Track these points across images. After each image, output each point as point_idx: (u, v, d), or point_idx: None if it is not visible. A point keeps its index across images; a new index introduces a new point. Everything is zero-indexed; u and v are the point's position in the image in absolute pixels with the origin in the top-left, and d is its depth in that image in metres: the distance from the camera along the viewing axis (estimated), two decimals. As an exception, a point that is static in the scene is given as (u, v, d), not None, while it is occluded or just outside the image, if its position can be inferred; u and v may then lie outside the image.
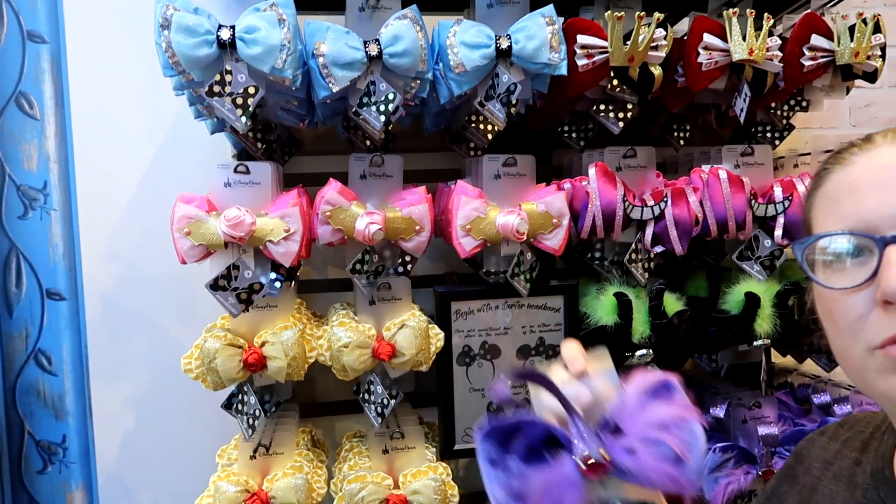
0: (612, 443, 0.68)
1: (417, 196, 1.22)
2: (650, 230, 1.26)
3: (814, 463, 0.81)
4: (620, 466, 0.66)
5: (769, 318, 1.31)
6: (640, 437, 0.68)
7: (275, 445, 1.19)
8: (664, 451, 0.67)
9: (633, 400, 0.70)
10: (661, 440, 0.67)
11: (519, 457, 0.68)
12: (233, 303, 1.11)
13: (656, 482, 0.67)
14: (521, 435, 0.68)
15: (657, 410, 0.69)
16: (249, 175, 1.14)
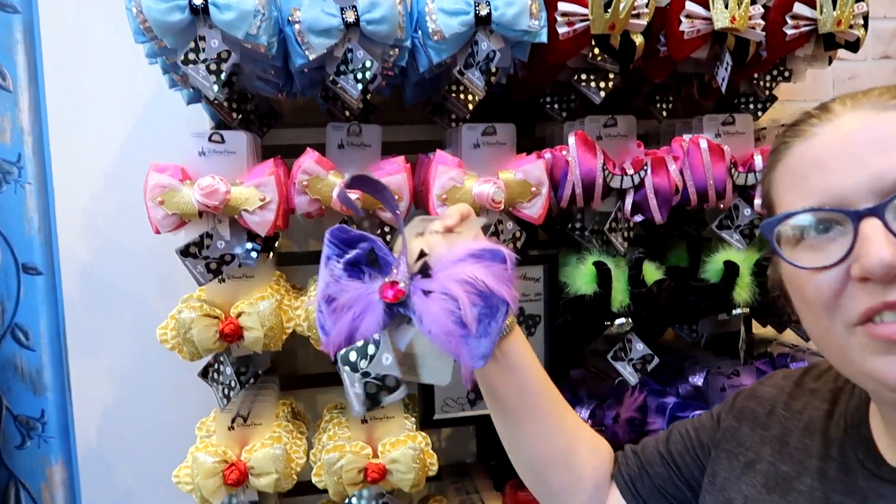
0: (418, 282, 0.69)
1: (396, 166, 1.21)
2: (630, 199, 1.26)
3: (779, 409, 0.76)
4: (409, 302, 0.68)
5: (748, 287, 1.31)
6: (442, 286, 0.68)
7: (253, 416, 1.19)
8: (452, 308, 0.67)
9: (456, 254, 0.70)
10: (455, 297, 0.67)
11: (345, 264, 0.71)
12: (201, 271, 1.10)
13: (434, 332, 0.67)
14: (357, 247, 0.71)
15: (472, 269, 0.68)
16: (224, 144, 1.13)
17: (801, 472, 0.69)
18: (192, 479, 1.13)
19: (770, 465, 0.72)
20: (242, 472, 1.13)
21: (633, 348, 1.33)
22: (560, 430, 0.86)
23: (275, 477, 1.14)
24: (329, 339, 0.71)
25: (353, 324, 0.69)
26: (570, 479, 0.86)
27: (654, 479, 0.84)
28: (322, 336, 0.72)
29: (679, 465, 0.83)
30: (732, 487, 0.74)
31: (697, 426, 0.85)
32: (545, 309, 1.31)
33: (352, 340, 0.69)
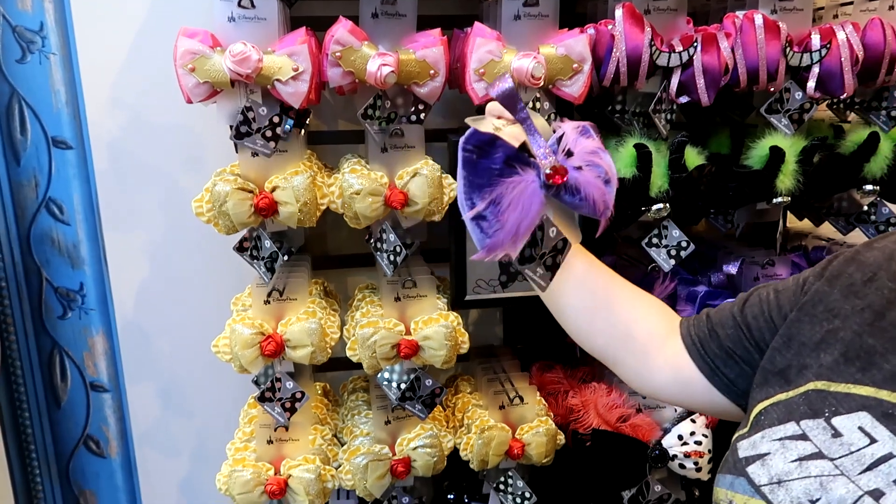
0: (564, 160, 0.78)
1: (432, 38, 1.15)
2: (676, 78, 1.20)
3: (882, 276, 0.67)
4: (572, 181, 0.76)
5: (792, 174, 1.27)
6: (583, 160, 0.78)
7: (288, 291, 1.20)
8: (599, 172, 0.79)
9: (571, 134, 0.81)
10: (597, 163, 0.79)
11: (499, 165, 0.75)
12: (262, 143, 1.09)
13: (595, 199, 0.78)
14: (497, 147, 0.75)
15: (589, 142, 0.80)
16: (255, 10, 1.08)
17: (890, 350, 0.62)
18: (231, 349, 1.16)
19: (856, 336, 0.65)
20: (279, 344, 1.16)
21: (669, 234, 1.31)
22: (614, 306, 0.88)
23: (310, 349, 1.16)
24: (495, 241, 0.73)
25: (520, 216, 0.73)
26: (637, 349, 0.86)
27: (723, 341, 0.81)
28: (483, 241, 0.74)
29: (751, 327, 0.79)
30: (809, 354, 0.68)
31: (780, 289, 0.79)
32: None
33: (517, 235, 0.73)
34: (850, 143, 1.35)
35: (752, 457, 0.61)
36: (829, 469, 0.55)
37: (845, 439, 0.56)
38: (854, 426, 0.57)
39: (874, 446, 0.54)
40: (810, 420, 0.60)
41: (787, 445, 0.59)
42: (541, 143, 0.77)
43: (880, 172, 1.35)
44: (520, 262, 0.76)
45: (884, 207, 1.43)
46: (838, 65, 1.21)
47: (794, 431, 0.60)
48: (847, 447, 0.56)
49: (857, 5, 1.35)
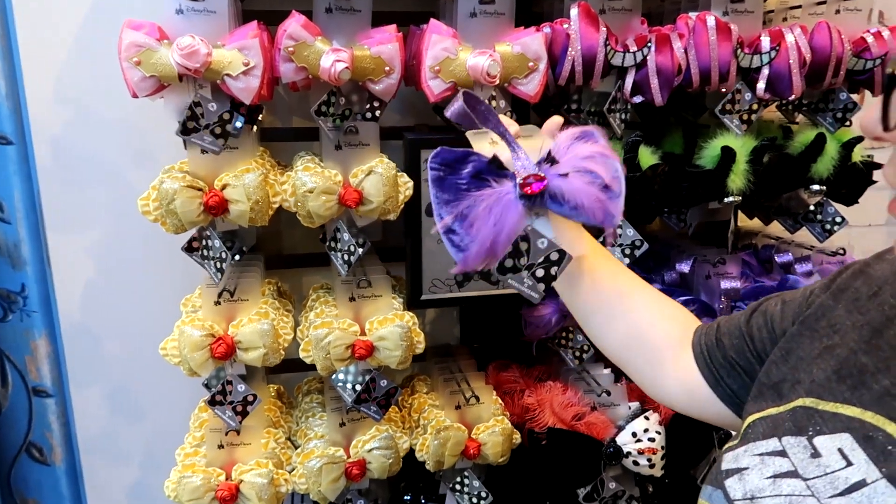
0: (547, 169, 0.74)
1: (387, 35, 1.14)
2: (630, 78, 1.21)
3: (885, 293, 0.65)
4: (554, 188, 0.72)
5: (743, 174, 1.29)
6: (572, 166, 0.73)
7: (239, 292, 1.18)
8: (594, 179, 0.73)
9: (563, 141, 0.76)
10: (592, 170, 0.73)
11: (466, 179, 0.73)
12: (210, 140, 1.05)
13: (587, 206, 0.72)
14: (468, 162, 0.73)
15: (585, 147, 0.75)
16: (204, 2, 1.05)
17: (882, 370, 0.59)
18: (180, 351, 1.13)
19: (851, 353, 0.63)
20: (230, 346, 1.13)
21: (624, 234, 1.32)
22: (629, 310, 0.87)
23: (262, 351, 1.14)
24: (469, 254, 0.72)
25: (496, 229, 0.71)
26: (650, 356, 0.84)
27: (728, 350, 0.79)
28: (458, 255, 0.73)
29: (754, 338, 0.76)
30: (804, 368, 0.65)
31: (787, 300, 0.77)
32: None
33: (494, 247, 0.72)
34: (798, 143, 1.38)
35: (732, 470, 0.60)
36: (800, 489, 0.54)
37: (823, 460, 0.55)
38: (834, 447, 0.55)
39: (849, 470, 0.53)
40: (793, 437, 0.59)
41: (765, 461, 0.58)
42: (521, 154, 0.75)
43: (826, 173, 1.38)
44: (500, 272, 0.75)
45: (830, 207, 1.47)
46: (787, 67, 1.24)
47: (774, 447, 0.59)
48: (823, 468, 0.55)
49: (806, 9, 1.38)
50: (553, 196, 0.73)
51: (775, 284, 1.41)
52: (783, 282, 1.41)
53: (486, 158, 0.74)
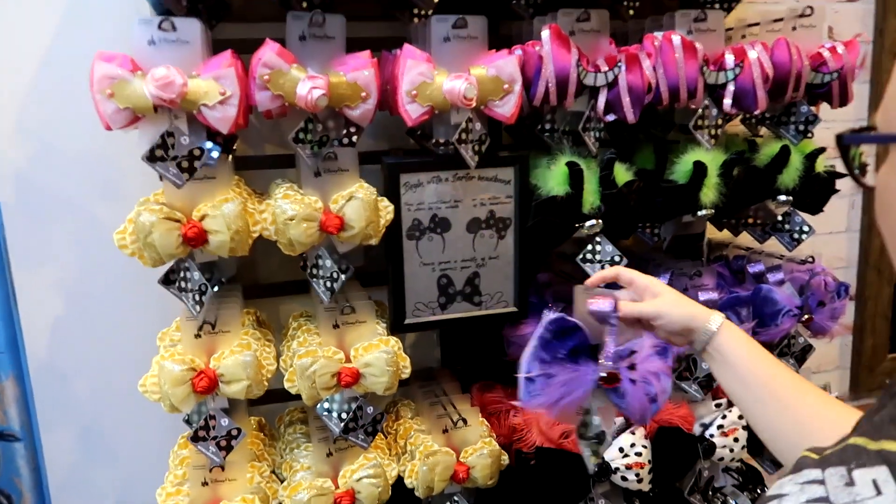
0: (625, 371, 0.97)
1: (362, 61, 1.14)
2: (603, 97, 1.23)
3: None
4: (622, 389, 0.96)
5: (715, 188, 1.32)
6: (641, 377, 0.98)
7: (220, 324, 1.15)
8: (649, 391, 0.98)
9: (645, 350, 1.00)
10: (652, 382, 0.98)
11: (565, 351, 0.96)
12: (175, 173, 1.03)
13: (635, 408, 0.97)
14: (574, 338, 0.97)
15: (657, 363, 0.99)
16: (176, 32, 1.04)
17: None
18: (160, 387, 1.10)
19: None
20: (212, 380, 1.10)
21: (603, 249, 1.33)
22: (793, 415, 0.85)
23: (246, 383, 1.11)
24: (535, 401, 0.96)
25: (563, 391, 0.94)
26: None
27: None
28: (527, 396, 0.97)
29: None
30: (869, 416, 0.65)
31: None
32: (516, 211, 1.30)
33: (555, 406, 0.95)
34: (764, 156, 1.43)
35: (773, 496, 0.61)
36: None
37: (856, 489, 0.56)
38: (869, 479, 0.55)
39: (877, 499, 0.54)
40: (834, 468, 0.59)
41: (804, 489, 0.58)
42: (611, 350, 0.96)
43: (792, 183, 1.43)
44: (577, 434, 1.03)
45: (797, 216, 1.51)
46: (751, 82, 1.28)
47: (815, 476, 0.59)
48: (853, 496, 0.55)
49: (763, 26, 1.43)
50: (617, 391, 0.96)
51: (749, 294, 1.44)
52: (756, 291, 1.44)
53: (587, 342, 0.97)
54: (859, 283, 2.10)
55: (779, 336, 1.47)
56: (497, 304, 1.34)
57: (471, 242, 1.29)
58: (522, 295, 1.34)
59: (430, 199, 1.25)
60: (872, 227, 2.03)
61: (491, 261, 1.31)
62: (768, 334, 1.45)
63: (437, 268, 1.28)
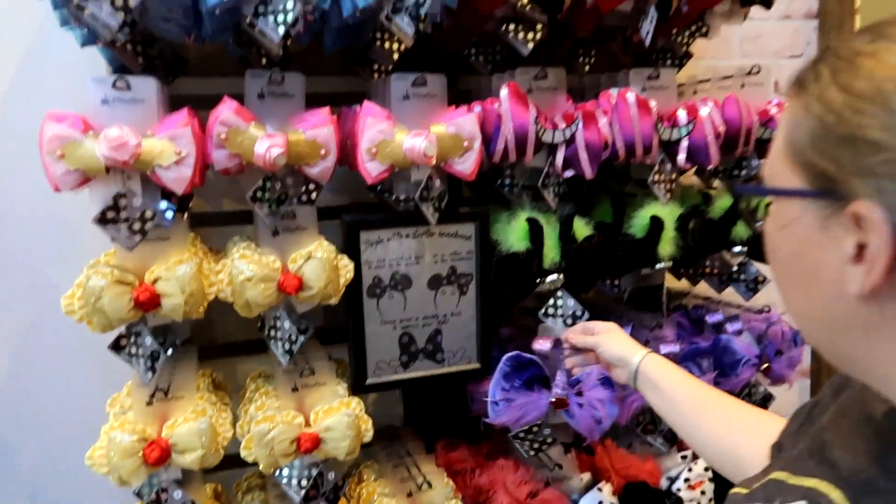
0: (573, 397, 1.23)
1: (321, 117, 1.13)
2: (561, 154, 1.24)
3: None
4: (571, 410, 1.22)
5: (672, 241, 1.34)
6: (588, 400, 1.22)
7: (174, 389, 1.11)
8: (595, 414, 1.22)
9: (593, 379, 1.23)
10: (598, 408, 1.22)
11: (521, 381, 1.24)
12: (126, 235, 1.00)
13: (583, 426, 1.23)
14: (528, 370, 1.25)
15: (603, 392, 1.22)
16: (131, 91, 1.02)
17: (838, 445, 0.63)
18: (108, 460, 1.04)
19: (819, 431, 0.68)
20: (165, 450, 1.05)
21: (564, 304, 1.33)
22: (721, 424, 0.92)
23: (200, 453, 1.06)
24: (499, 419, 1.22)
25: (521, 412, 1.22)
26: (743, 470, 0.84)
27: None
28: (493, 413, 1.23)
29: None
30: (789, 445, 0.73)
31: None
32: (477, 267, 1.29)
33: (515, 424, 1.23)
34: (719, 208, 1.45)
35: None
36: None
37: None
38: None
39: None
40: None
41: None
42: (560, 379, 1.22)
43: (746, 234, 1.46)
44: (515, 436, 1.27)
45: (751, 266, 1.54)
46: (704, 138, 1.31)
47: None
48: None
49: (714, 82, 1.48)
50: (567, 412, 1.22)
51: (709, 345, 1.45)
52: (716, 342, 1.46)
53: (540, 372, 1.24)
54: (813, 328, 2.14)
55: (739, 386, 1.49)
56: (460, 360, 1.32)
57: (432, 299, 1.27)
58: (485, 351, 1.33)
59: (390, 256, 1.23)
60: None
61: (453, 317, 1.30)
62: (729, 384, 1.46)
63: (399, 326, 1.26)
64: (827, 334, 0.57)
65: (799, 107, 0.55)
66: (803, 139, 0.54)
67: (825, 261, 0.53)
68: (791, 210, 0.56)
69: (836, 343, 0.57)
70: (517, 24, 1.26)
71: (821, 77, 0.53)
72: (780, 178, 0.57)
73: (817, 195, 0.54)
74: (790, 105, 0.57)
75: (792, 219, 0.56)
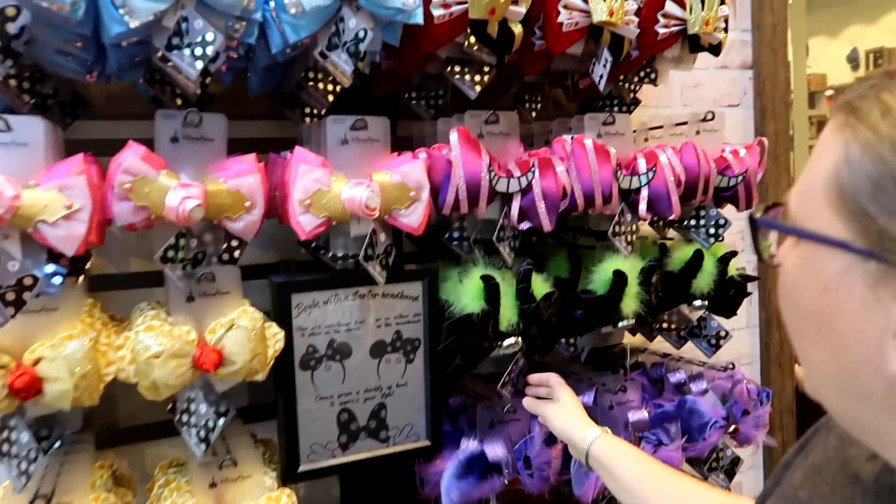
0: (523, 471, 1.22)
1: (246, 165, 0.98)
2: (517, 204, 1.13)
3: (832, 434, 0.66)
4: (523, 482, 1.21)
5: (636, 297, 1.24)
6: (537, 467, 1.21)
7: (60, 494, 0.91)
8: (543, 475, 1.22)
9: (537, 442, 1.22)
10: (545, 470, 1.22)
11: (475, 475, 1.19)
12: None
13: (534, 490, 1.21)
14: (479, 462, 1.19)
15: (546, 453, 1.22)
16: (11, 133, 0.85)
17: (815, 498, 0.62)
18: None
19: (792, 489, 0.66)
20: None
21: (522, 370, 1.20)
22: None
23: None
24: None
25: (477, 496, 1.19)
26: None
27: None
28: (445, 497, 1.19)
29: None
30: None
31: None
32: (425, 331, 1.15)
33: None
34: (678, 260, 1.37)
35: None
36: None
37: None
38: None
39: None
40: None
41: None
42: (508, 457, 1.20)
43: (707, 288, 1.38)
44: None
45: (713, 321, 1.46)
46: (665, 187, 1.23)
47: None
48: None
49: (667, 129, 1.41)
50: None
51: (674, 409, 1.35)
52: (681, 404, 1.36)
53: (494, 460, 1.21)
54: (763, 379, 2.09)
55: (707, 450, 1.39)
56: (407, 438, 1.16)
57: (375, 369, 1.12)
58: (435, 426, 1.18)
59: (327, 321, 1.08)
60: (772, 323, 2.04)
61: (399, 389, 1.14)
62: (696, 449, 1.36)
63: (337, 401, 1.10)
64: (847, 402, 0.51)
65: (854, 142, 0.46)
66: (860, 185, 0.45)
67: (864, 328, 0.46)
68: (829, 261, 0.48)
69: (854, 410, 0.51)
70: (463, 66, 1.16)
71: (889, 111, 0.43)
72: (817, 219, 0.48)
73: (872, 256, 0.45)
74: (840, 136, 0.47)
75: (829, 271, 0.48)
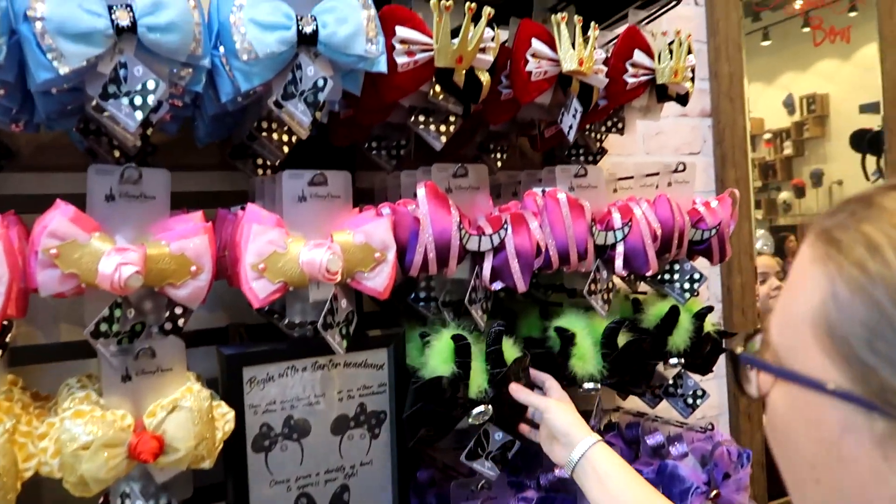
0: None
1: (192, 225, 0.89)
2: (489, 263, 1.06)
3: None
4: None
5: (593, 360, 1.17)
6: None
7: None
8: None
9: None
10: None
11: None
12: None
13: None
14: None
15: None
16: (-86, 194, 0.74)
17: None
18: None
19: None
20: None
21: (492, 439, 1.11)
22: None
23: None
24: None
25: None
26: None
27: None
28: None
29: None
30: None
31: None
32: (391, 403, 1.05)
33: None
34: (652, 316, 1.31)
35: None
36: None
37: None
38: None
39: None
40: None
41: None
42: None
43: (683, 345, 1.32)
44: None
45: (689, 379, 1.40)
46: (641, 242, 1.17)
47: None
48: None
49: (637, 179, 1.37)
50: None
51: (654, 475, 1.27)
52: (662, 469, 1.28)
53: None
54: (733, 432, 2.04)
55: (688, 517, 1.31)
56: (372, 521, 1.06)
57: (337, 448, 1.02)
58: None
59: (283, 396, 0.97)
60: (739, 374, 2.00)
61: (363, 468, 1.04)
62: (677, 516, 1.28)
63: (294, 485, 0.99)
64: None
65: (840, 279, 0.42)
66: (853, 329, 0.41)
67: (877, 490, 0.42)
68: (827, 411, 0.43)
69: None
70: (428, 116, 1.09)
71: (877, 249, 0.39)
72: (805, 358, 0.44)
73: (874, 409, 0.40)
74: (822, 269, 0.43)
75: (829, 424, 0.43)
